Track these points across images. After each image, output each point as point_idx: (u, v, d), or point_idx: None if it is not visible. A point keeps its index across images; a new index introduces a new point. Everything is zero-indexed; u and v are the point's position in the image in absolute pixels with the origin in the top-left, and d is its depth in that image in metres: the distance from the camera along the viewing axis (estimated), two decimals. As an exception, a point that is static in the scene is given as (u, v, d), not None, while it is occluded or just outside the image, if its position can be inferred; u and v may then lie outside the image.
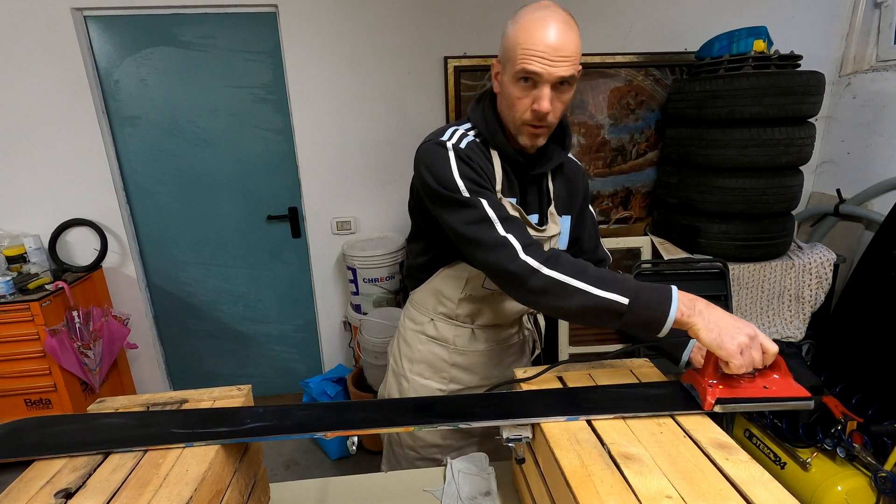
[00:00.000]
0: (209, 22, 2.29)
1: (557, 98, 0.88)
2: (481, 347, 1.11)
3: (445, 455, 1.15)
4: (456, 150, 0.92)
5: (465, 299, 1.05)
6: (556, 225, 1.01)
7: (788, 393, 0.79)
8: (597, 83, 2.49)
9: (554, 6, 0.87)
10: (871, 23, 2.43)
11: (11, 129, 2.23)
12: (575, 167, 1.08)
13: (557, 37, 0.83)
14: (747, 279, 2.21)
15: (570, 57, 0.84)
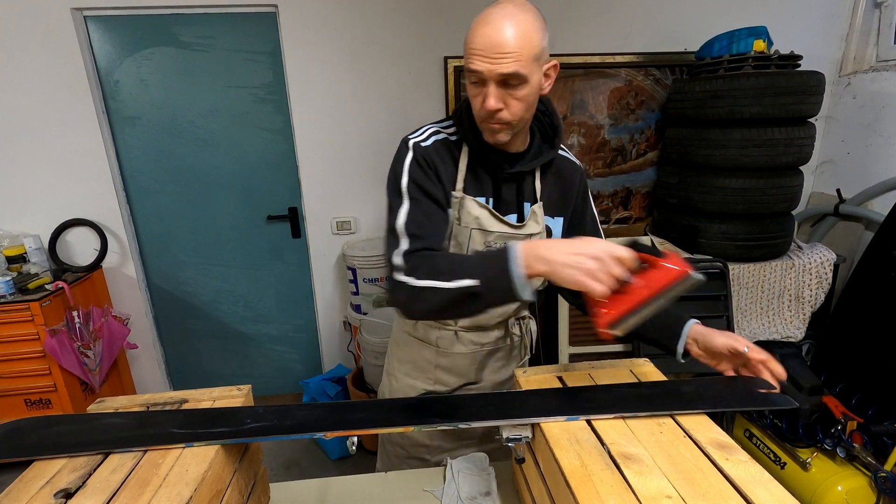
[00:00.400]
0: (209, 22, 2.29)
1: (510, 96, 0.85)
2: (465, 350, 1.09)
3: (434, 455, 1.15)
4: (416, 149, 0.94)
5: None
6: (537, 224, 0.99)
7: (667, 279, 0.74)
8: (597, 83, 2.49)
9: (508, 2, 0.83)
10: (871, 23, 2.43)
11: (11, 129, 2.23)
12: (571, 167, 1.05)
13: (497, 33, 0.80)
14: (747, 279, 2.21)
15: (512, 53, 0.80)
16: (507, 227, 0.97)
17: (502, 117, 0.87)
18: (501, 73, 0.82)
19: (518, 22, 0.81)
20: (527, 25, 0.81)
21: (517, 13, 0.82)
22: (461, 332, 1.09)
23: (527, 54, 0.81)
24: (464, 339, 1.09)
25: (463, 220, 0.96)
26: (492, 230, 0.96)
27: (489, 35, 0.81)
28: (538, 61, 0.84)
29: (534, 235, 0.99)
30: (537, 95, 0.89)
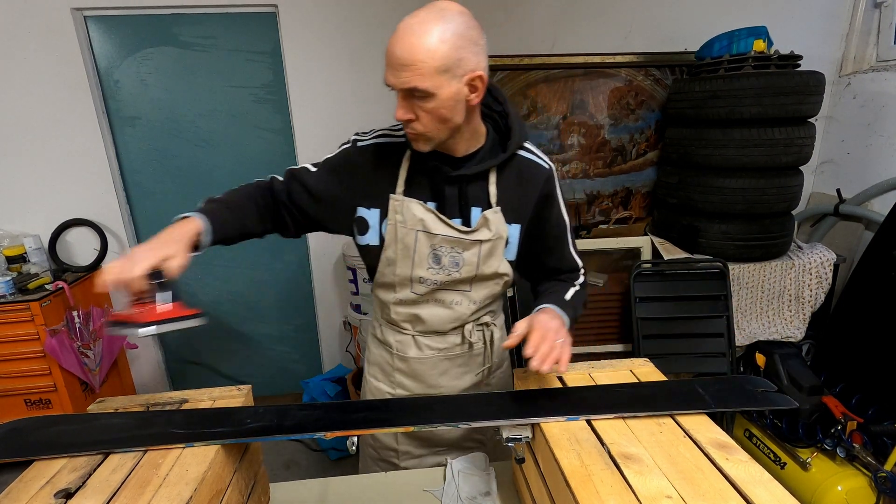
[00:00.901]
0: (209, 22, 2.29)
1: (419, 108, 0.83)
2: (423, 355, 1.07)
3: (402, 460, 1.14)
4: (355, 148, 1.00)
5: (398, 304, 1.04)
6: (489, 231, 0.95)
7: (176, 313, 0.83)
8: (597, 83, 2.49)
9: (434, 7, 0.80)
10: (871, 23, 2.43)
11: (11, 129, 2.23)
12: (535, 170, 0.98)
13: (397, 45, 0.78)
14: (747, 279, 2.21)
15: (412, 66, 0.78)
16: (453, 231, 0.95)
17: (414, 128, 0.86)
18: (403, 87, 0.81)
19: (423, 33, 0.77)
20: (431, 37, 0.77)
21: (425, 24, 0.78)
22: (418, 336, 1.07)
23: (429, 68, 0.78)
24: (421, 344, 1.07)
25: (408, 222, 0.95)
26: (436, 233, 0.95)
27: (393, 47, 0.79)
28: (448, 73, 0.80)
29: (484, 242, 0.96)
30: (455, 108, 0.84)
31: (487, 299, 1.05)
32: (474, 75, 0.84)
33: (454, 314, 1.03)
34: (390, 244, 0.98)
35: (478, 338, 1.08)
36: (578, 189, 2.65)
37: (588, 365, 0.99)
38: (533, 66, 2.43)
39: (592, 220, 2.71)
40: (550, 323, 0.85)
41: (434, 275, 0.98)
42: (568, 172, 2.62)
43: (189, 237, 0.85)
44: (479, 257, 0.97)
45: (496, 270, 0.99)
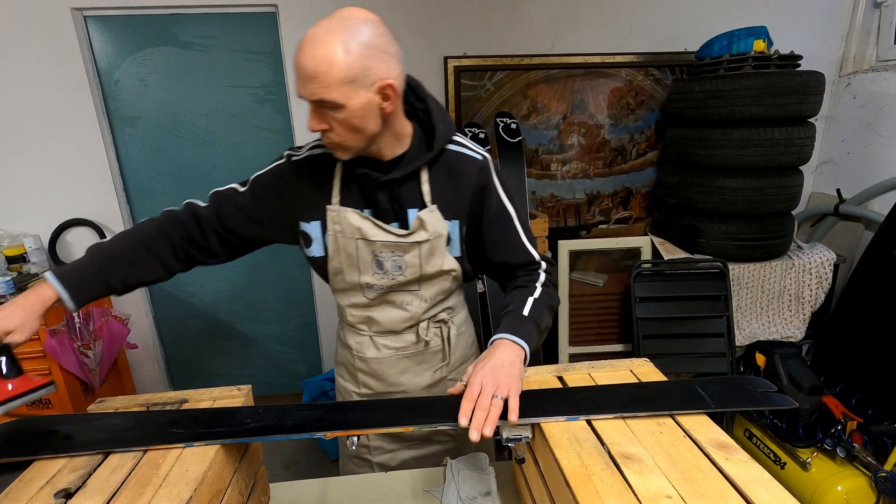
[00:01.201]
0: (209, 22, 2.29)
1: (331, 118, 0.82)
2: (381, 355, 1.08)
3: (375, 456, 1.15)
4: (289, 163, 0.99)
5: (352, 307, 1.06)
6: (426, 231, 0.95)
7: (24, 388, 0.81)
8: (597, 83, 2.49)
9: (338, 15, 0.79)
10: (871, 23, 2.43)
11: (11, 129, 2.23)
12: (468, 164, 0.97)
13: (301, 58, 0.78)
14: (747, 279, 2.21)
15: (317, 78, 0.77)
16: (390, 236, 0.95)
17: (330, 138, 0.86)
18: (309, 98, 0.80)
19: (323, 46, 0.76)
20: (335, 48, 0.76)
21: (329, 35, 0.76)
22: (375, 336, 1.08)
23: (334, 79, 0.77)
24: (378, 344, 1.08)
25: (347, 232, 0.96)
26: (374, 239, 0.95)
27: (298, 58, 0.78)
28: (355, 84, 0.79)
29: (423, 243, 0.95)
30: (368, 117, 0.84)
31: (439, 296, 1.05)
32: (384, 84, 0.82)
33: (407, 314, 1.04)
34: (334, 255, 0.99)
35: (434, 335, 1.08)
36: (578, 189, 2.66)
37: (588, 365, 0.99)
38: (533, 66, 2.43)
39: (592, 220, 2.72)
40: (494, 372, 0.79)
41: (379, 280, 0.99)
42: (568, 172, 2.63)
43: (43, 307, 0.86)
44: (420, 258, 0.97)
45: (441, 268, 0.99)
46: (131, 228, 1.00)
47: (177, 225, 1.00)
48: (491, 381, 0.78)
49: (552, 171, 2.61)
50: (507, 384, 0.78)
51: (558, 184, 2.64)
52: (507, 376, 0.79)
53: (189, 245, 1.02)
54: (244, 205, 1.01)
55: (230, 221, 1.01)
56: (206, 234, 1.02)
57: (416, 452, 1.16)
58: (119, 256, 0.95)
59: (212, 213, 1.01)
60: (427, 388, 1.12)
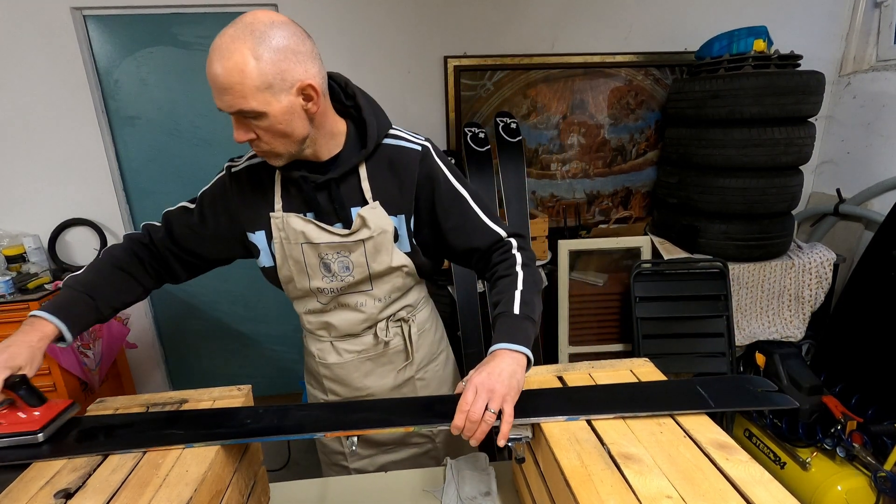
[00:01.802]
0: (209, 21, 2.29)
1: (255, 126, 0.80)
2: (342, 360, 1.07)
3: (352, 462, 1.14)
4: (229, 174, 1.00)
5: (308, 314, 1.05)
6: (369, 228, 0.93)
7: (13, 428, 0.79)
8: (597, 83, 2.49)
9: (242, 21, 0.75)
10: (871, 23, 2.43)
11: (11, 129, 2.23)
12: (404, 156, 0.94)
13: (211, 71, 0.75)
14: (747, 279, 2.21)
15: (231, 89, 0.74)
16: (334, 236, 0.94)
17: (259, 146, 0.84)
18: (227, 110, 0.78)
19: (232, 55, 0.73)
20: (244, 56, 0.73)
21: (236, 43, 0.73)
22: (334, 341, 1.07)
23: (249, 88, 0.75)
24: (338, 349, 1.07)
25: (291, 238, 0.95)
26: (318, 241, 0.94)
27: (209, 70, 0.76)
28: (271, 90, 0.76)
29: (367, 241, 0.94)
30: (294, 121, 0.81)
31: (394, 293, 1.03)
32: (303, 84, 0.79)
33: (363, 315, 1.03)
34: (283, 263, 0.98)
35: (394, 334, 1.07)
36: (578, 189, 2.66)
37: (588, 365, 0.99)
38: (533, 65, 2.43)
39: (592, 219, 2.72)
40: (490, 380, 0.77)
41: (329, 283, 0.98)
42: (568, 172, 2.62)
43: (45, 342, 0.86)
44: (365, 257, 0.96)
45: (389, 265, 0.97)
46: (100, 258, 0.99)
47: (140, 247, 1.02)
48: (486, 390, 0.75)
49: (552, 171, 2.61)
50: (501, 395, 0.75)
51: (558, 183, 2.64)
52: (503, 386, 0.76)
53: (156, 263, 1.03)
54: (193, 222, 1.01)
55: (184, 241, 1.01)
56: (164, 256, 1.02)
57: (392, 456, 1.15)
58: (101, 284, 0.95)
59: (164, 235, 1.01)
60: (393, 389, 1.11)
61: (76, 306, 0.91)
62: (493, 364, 0.80)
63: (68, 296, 0.91)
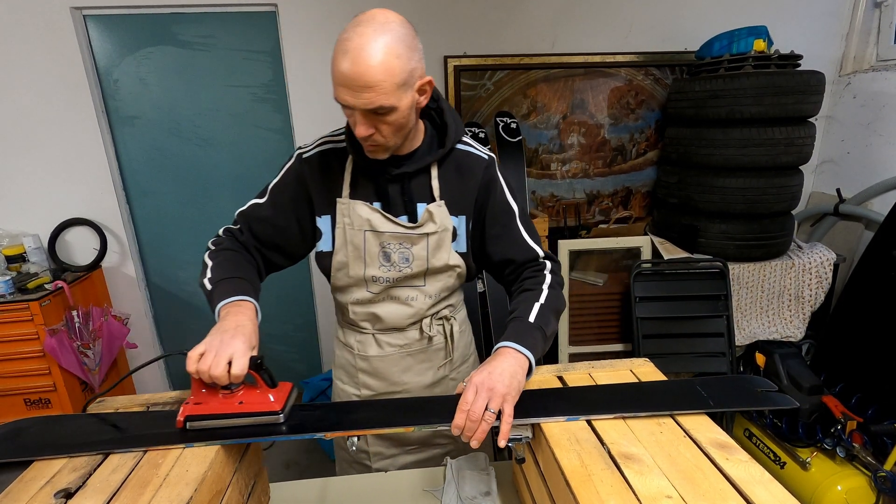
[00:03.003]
0: (209, 21, 2.29)
1: (380, 121, 0.83)
2: (383, 353, 1.08)
3: (375, 462, 1.14)
4: (299, 160, 1.01)
5: (355, 304, 1.06)
6: (434, 224, 0.96)
7: (257, 407, 0.79)
8: (597, 83, 2.49)
9: (367, 20, 0.78)
10: (871, 22, 2.43)
11: (11, 129, 2.23)
12: (475, 161, 1.00)
13: (357, 64, 0.76)
14: (747, 279, 2.21)
15: (375, 86, 0.77)
16: (399, 227, 0.97)
17: (376, 141, 0.87)
18: (364, 107, 0.80)
19: (376, 52, 0.76)
20: (387, 54, 0.76)
21: (376, 40, 0.76)
22: (377, 334, 1.08)
23: (389, 85, 0.78)
24: (381, 342, 1.08)
25: (355, 224, 0.97)
26: (383, 230, 0.97)
27: (348, 68, 0.76)
28: (405, 86, 0.81)
29: (431, 235, 0.97)
30: (411, 115, 0.87)
31: (443, 292, 1.06)
32: (423, 82, 0.85)
33: (411, 310, 1.05)
34: (340, 247, 1.00)
35: (437, 332, 1.09)
36: (578, 188, 2.65)
37: (588, 365, 0.99)
38: (533, 65, 2.43)
39: (592, 219, 2.72)
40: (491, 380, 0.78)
41: (386, 272, 1.00)
42: (568, 172, 2.62)
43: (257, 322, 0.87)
44: (427, 251, 0.98)
45: (446, 262, 1.00)
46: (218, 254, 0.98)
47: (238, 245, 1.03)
48: (486, 390, 0.76)
49: (552, 171, 2.61)
50: (502, 394, 0.76)
51: (558, 183, 2.64)
52: (504, 386, 0.77)
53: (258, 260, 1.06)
54: (270, 215, 1.02)
55: (264, 235, 1.03)
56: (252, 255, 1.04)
57: (415, 457, 1.15)
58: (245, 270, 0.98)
59: (247, 233, 1.03)
60: (429, 387, 1.12)
61: (250, 289, 0.93)
62: (494, 363, 0.81)
63: (237, 283, 0.92)
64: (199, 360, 0.75)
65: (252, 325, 0.83)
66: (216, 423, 0.78)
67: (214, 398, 0.79)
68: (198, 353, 0.75)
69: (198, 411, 0.78)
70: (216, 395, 0.79)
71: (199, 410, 0.78)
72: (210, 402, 0.79)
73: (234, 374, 0.75)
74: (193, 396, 0.79)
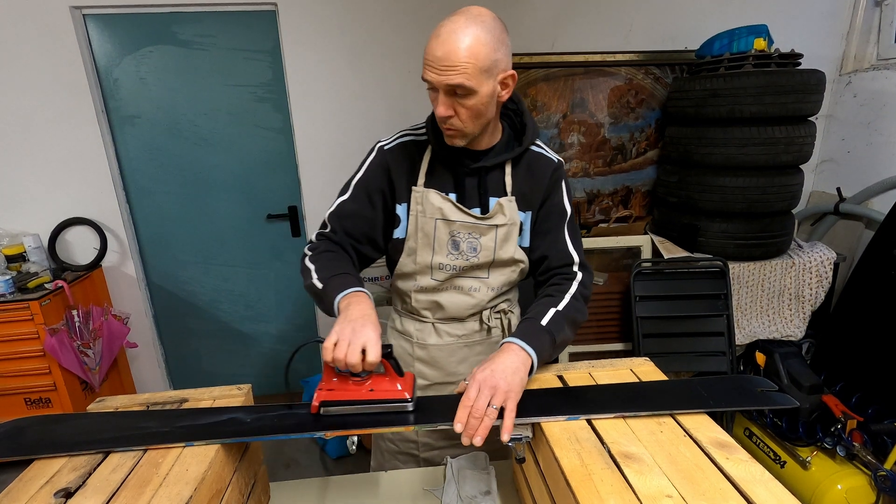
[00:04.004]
0: (209, 20, 2.29)
1: (459, 104, 0.89)
2: (442, 342, 1.12)
3: (423, 452, 1.17)
4: (381, 152, 1.05)
5: (418, 292, 1.09)
6: (504, 216, 1.02)
7: (388, 395, 0.82)
8: (597, 82, 2.49)
9: (463, 12, 0.86)
10: (872, 21, 2.43)
11: (11, 128, 2.23)
12: (546, 163, 1.06)
13: (445, 45, 0.84)
14: (747, 278, 2.21)
15: (458, 66, 0.84)
16: (470, 217, 1.01)
17: (453, 124, 0.92)
18: (447, 84, 0.86)
19: (465, 36, 0.83)
20: (475, 40, 0.84)
21: (467, 27, 0.84)
22: (437, 323, 1.12)
23: (473, 68, 0.84)
24: (440, 331, 1.12)
25: (427, 212, 1.02)
26: (454, 220, 1.01)
27: (438, 48, 0.84)
28: (488, 73, 0.87)
29: (500, 227, 1.02)
30: (490, 105, 0.91)
31: (504, 286, 1.09)
32: (507, 74, 0.91)
33: (473, 300, 1.08)
34: (412, 234, 1.04)
35: (496, 324, 1.13)
36: (578, 188, 2.65)
37: (588, 364, 0.99)
38: (533, 64, 2.43)
39: (592, 218, 2.71)
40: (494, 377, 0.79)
41: (453, 260, 1.04)
42: (568, 171, 2.62)
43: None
44: (495, 242, 1.03)
45: (512, 256, 1.04)
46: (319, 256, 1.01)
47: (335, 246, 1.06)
48: (489, 387, 0.78)
49: (552, 170, 2.61)
50: (504, 391, 0.78)
51: (558, 183, 2.63)
52: (506, 383, 0.79)
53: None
54: (357, 208, 1.05)
55: (357, 231, 1.05)
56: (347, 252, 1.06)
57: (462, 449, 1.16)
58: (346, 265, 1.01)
59: (340, 232, 1.05)
60: None
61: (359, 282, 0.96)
62: (497, 360, 0.83)
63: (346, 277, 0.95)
64: (333, 349, 0.78)
65: (375, 314, 0.86)
66: (349, 410, 0.81)
67: (346, 385, 0.82)
68: (332, 343, 0.78)
69: (332, 397, 0.81)
70: (347, 382, 0.82)
71: (333, 396, 0.81)
72: (342, 389, 0.81)
73: (369, 362, 0.78)
74: (325, 384, 0.82)
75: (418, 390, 1.13)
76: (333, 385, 0.82)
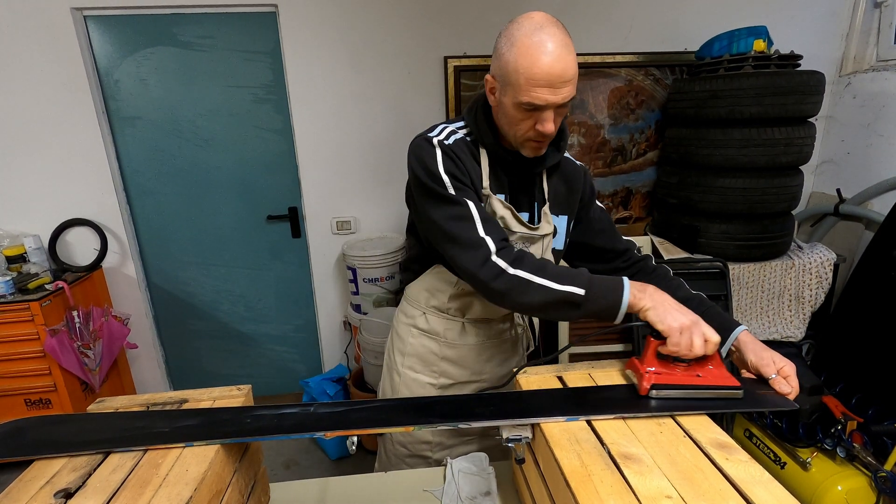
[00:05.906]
0: (209, 22, 2.29)
1: (558, 115, 0.90)
2: (472, 341, 1.12)
3: (436, 452, 1.16)
4: (442, 146, 0.95)
5: (457, 293, 1.08)
6: (549, 224, 1.04)
7: (719, 381, 0.82)
8: (597, 83, 2.49)
9: (548, 23, 0.85)
10: (872, 22, 2.43)
11: (11, 129, 2.23)
12: (573, 167, 1.10)
13: (558, 63, 0.83)
14: (747, 279, 2.21)
15: (571, 80, 0.85)
16: (525, 228, 1.01)
17: (552, 136, 0.92)
18: (562, 101, 0.86)
19: (569, 45, 0.84)
20: (573, 49, 0.85)
21: (565, 37, 0.84)
22: (468, 323, 1.11)
23: (575, 78, 0.86)
24: (470, 331, 1.12)
25: None
26: (514, 230, 1.00)
27: (552, 65, 0.82)
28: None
29: (546, 236, 1.03)
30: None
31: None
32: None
33: None
34: None
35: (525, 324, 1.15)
36: (578, 189, 2.65)
37: (588, 365, 0.99)
38: (533, 65, 2.42)
39: (592, 219, 2.71)
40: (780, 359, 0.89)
41: None
42: (568, 172, 2.62)
43: None
44: (542, 250, 1.04)
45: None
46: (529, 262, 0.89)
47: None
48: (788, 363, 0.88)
49: (552, 171, 2.61)
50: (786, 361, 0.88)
51: (558, 184, 2.63)
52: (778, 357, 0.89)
53: None
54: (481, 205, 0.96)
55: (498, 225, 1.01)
56: None
57: (474, 447, 1.17)
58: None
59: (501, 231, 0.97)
60: (503, 377, 1.15)
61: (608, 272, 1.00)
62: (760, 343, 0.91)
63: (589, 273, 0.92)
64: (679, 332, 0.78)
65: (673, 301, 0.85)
66: (679, 394, 0.81)
67: (673, 370, 0.82)
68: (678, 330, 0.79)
69: (664, 381, 0.81)
70: (673, 367, 0.82)
71: (665, 380, 0.81)
72: (669, 373, 0.82)
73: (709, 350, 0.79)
74: (652, 367, 0.82)
75: (440, 389, 1.14)
76: (661, 368, 0.82)
